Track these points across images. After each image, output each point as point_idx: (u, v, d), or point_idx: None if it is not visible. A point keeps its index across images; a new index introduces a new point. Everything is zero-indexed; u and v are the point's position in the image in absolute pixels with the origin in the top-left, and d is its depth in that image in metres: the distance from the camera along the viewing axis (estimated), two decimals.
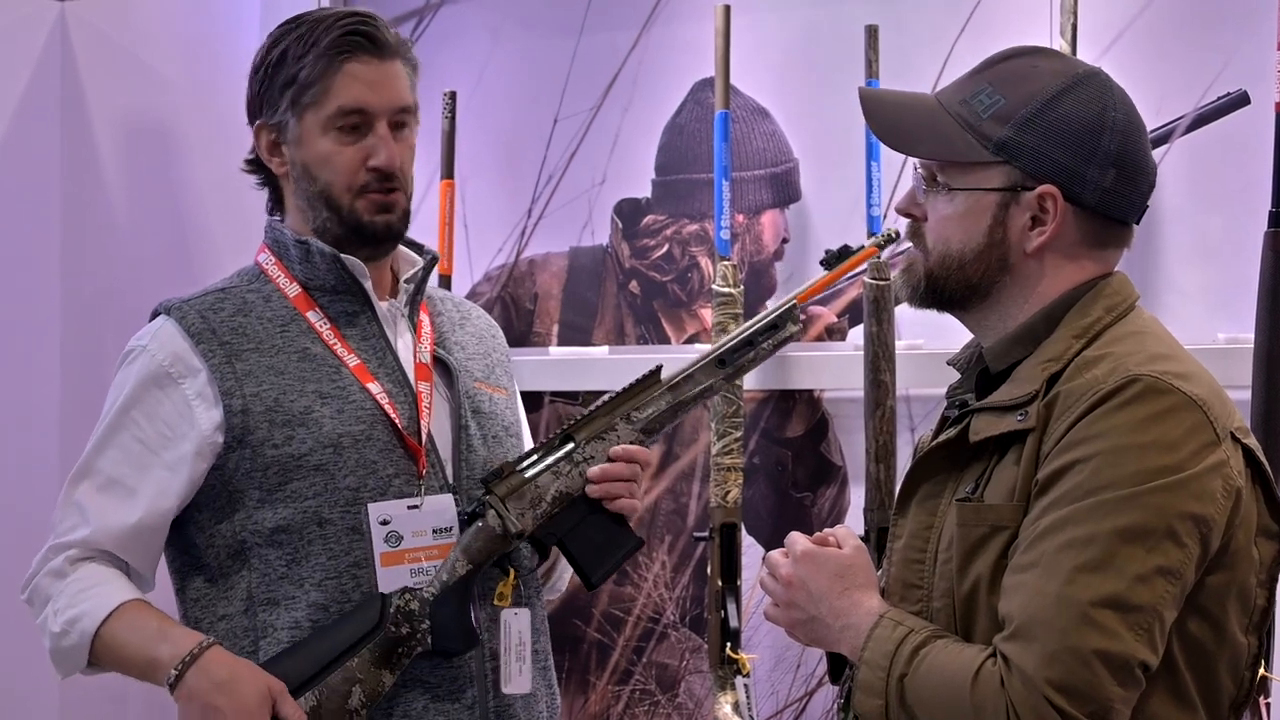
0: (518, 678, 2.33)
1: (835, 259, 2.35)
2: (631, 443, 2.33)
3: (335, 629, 2.25)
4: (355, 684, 2.22)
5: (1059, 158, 1.86)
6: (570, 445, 2.32)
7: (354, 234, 2.34)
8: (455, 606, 2.26)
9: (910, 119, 1.96)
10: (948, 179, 1.92)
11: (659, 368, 2.37)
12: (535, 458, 2.32)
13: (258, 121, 2.37)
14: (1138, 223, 1.93)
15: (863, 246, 2.35)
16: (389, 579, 2.27)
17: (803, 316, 3.24)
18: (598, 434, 2.33)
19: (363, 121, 2.32)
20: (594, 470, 2.31)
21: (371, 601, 2.26)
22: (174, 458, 2.28)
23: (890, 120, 1.98)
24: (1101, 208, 1.87)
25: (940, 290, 1.94)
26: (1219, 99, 2.94)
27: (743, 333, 2.36)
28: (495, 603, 2.32)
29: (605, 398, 2.35)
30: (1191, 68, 2.97)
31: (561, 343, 3.51)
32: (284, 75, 2.32)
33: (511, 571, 2.31)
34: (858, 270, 3.16)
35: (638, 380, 2.35)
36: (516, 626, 2.33)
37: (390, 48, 2.35)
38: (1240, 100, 2.92)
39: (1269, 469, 1.85)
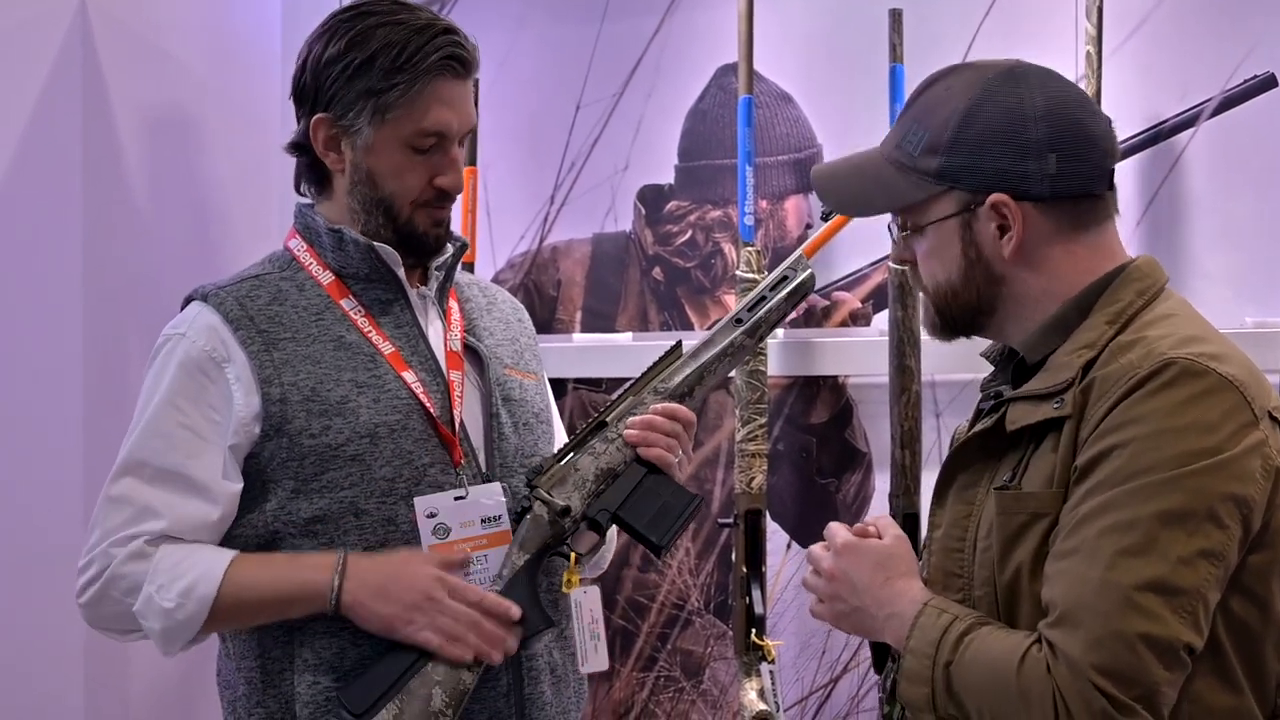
0: (594, 656, 2.33)
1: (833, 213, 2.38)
2: None
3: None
4: (434, 686, 2.20)
5: (994, 164, 1.89)
6: (604, 429, 2.33)
7: (406, 242, 2.35)
8: (523, 592, 2.25)
9: (857, 183, 2.02)
10: (913, 221, 1.97)
11: (679, 343, 2.38)
12: (572, 446, 2.33)
13: (320, 115, 2.32)
14: (1111, 189, 1.94)
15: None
16: None
17: (825, 303, 3.26)
18: (628, 411, 2.33)
19: (438, 143, 2.32)
20: (634, 419, 2.31)
21: None
22: (224, 442, 2.26)
23: (841, 192, 2.05)
24: (1057, 192, 1.89)
25: (950, 320, 1.99)
26: (1245, 82, 2.92)
27: (754, 291, 2.39)
28: (564, 590, 2.31)
29: (630, 383, 2.36)
30: (1218, 50, 2.95)
31: (585, 329, 3.51)
32: (368, 83, 2.28)
33: (573, 555, 2.30)
34: (881, 256, 3.16)
35: (661, 357, 2.37)
36: (588, 605, 2.32)
37: (475, 67, 2.35)
38: (1267, 83, 2.90)
39: None
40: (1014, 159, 1.88)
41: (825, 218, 2.42)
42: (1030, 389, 1.89)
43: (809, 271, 2.38)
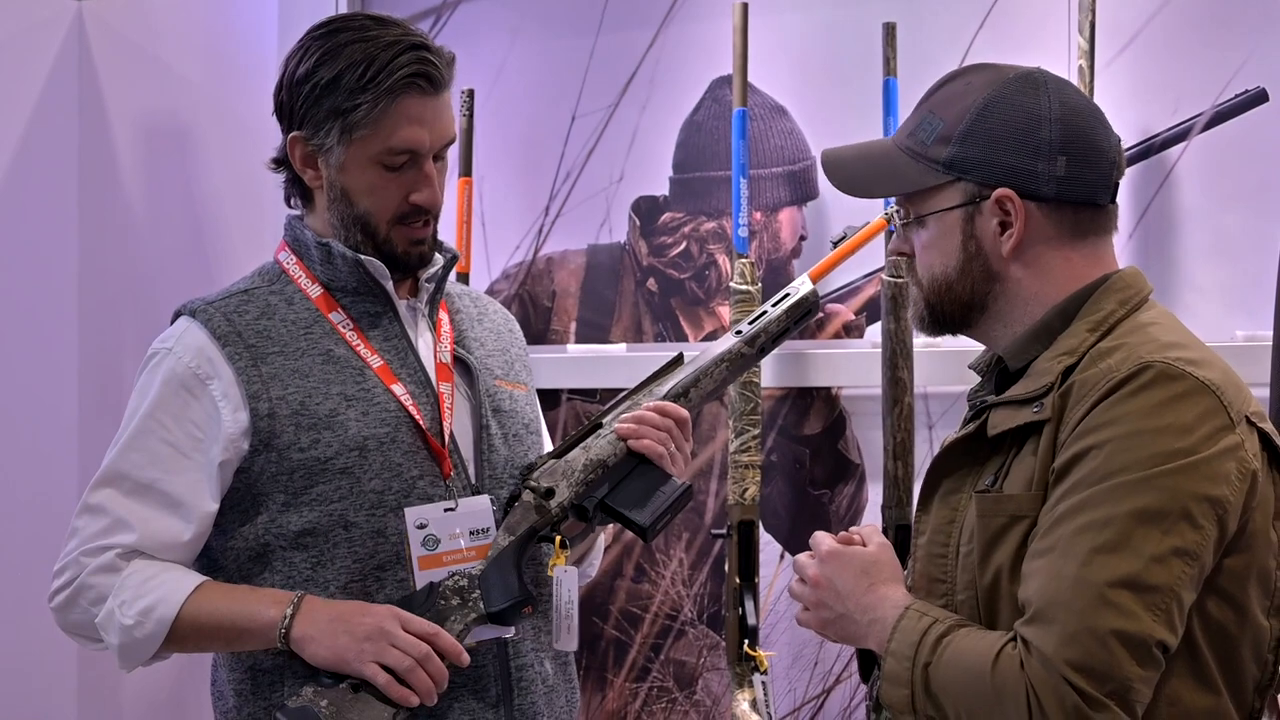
0: (565, 635, 2.33)
1: (844, 239, 2.39)
2: None
3: None
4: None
5: (1005, 160, 1.91)
6: (598, 429, 2.34)
7: (387, 260, 2.35)
8: (503, 571, 2.26)
9: (865, 167, 2.04)
10: (916, 209, 1.99)
11: (680, 355, 2.40)
12: (566, 445, 2.34)
13: (294, 133, 2.33)
14: (1112, 202, 1.96)
15: (867, 223, 2.38)
16: (426, 582, 2.27)
17: (818, 314, 3.27)
18: (622, 412, 2.35)
19: (410, 160, 2.31)
20: (628, 414, 2.33)
21: (424, 589, 2.26)
22: (206, 459, 2.27)
23: (847, 174, 2.06)
24: (1062, 196, 1.91)
25: (940, 315, 2.00)
26: (1237, 96, 2.94)
27: (764, 307, 2.41)
28: (549, 572, 2.32)
29: (627, 390, 2.39)
30: (1209, 65, 2.96)
31: (579, 340, 3.52)
32: (334, 103, 2.28)
33: (557, 538, 2.31)
34: (875, 269, 3.17)
35: (660, 368, 2.39)
36: (566, 584, 2.32)
37: (445, 82, 2.33)
38: (1258, 98, 2.92)
39: None
40: (1025, 156, 1.90)
41: (835, 245, 2.43)
42: (1011, 395, 1.91)
43: (810, 288, 2.40)
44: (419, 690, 2.18)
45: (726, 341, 2.39)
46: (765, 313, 2.39)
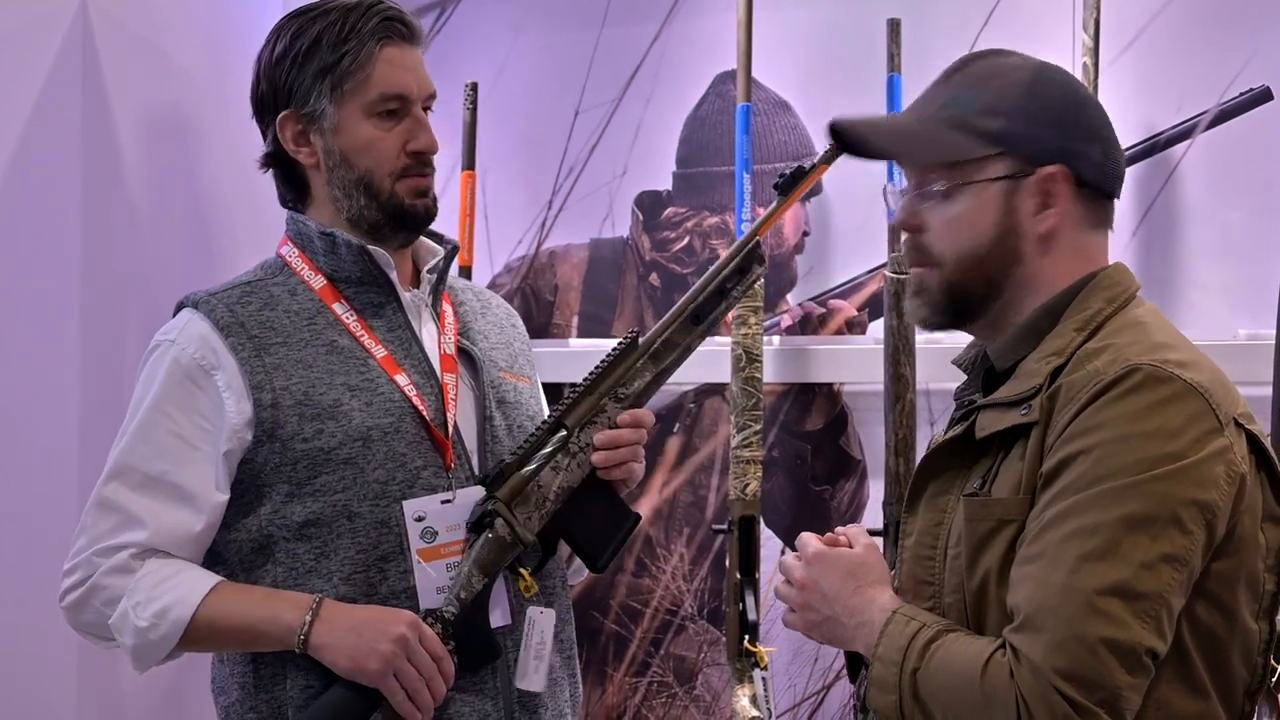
0: (532, 675, 2.33)
1: (790, 183, 2.31)
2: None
3: None
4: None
5: (1054, 139, 1.87)
6: (563, 433, 2.31)
7: (393, 219, 2.35)
8: (477, 623, 2.27)
9: (897, 131, 1.99)
10: (947, 180, 1.91)
11: (635, 335, 2.34)
12: (531, 449, 2.30)
13: (283, 113, 2.35)
14: (1118, 197, 1.95)
15: (814, 165, 2.28)
16: (426, 575, 2.28)
17: (821, 310, 3.27)
18: (589, 418, 2.31)
19: (401, 107, 2.34)
20: (602, 436, 2.30)
21: None
22: (214, 450, 2.27)
23: (879, 137, 1.99)
24: (1098, 182, 1.89)
25: (963, 295, 1.93)
26: (1241, 95, 2.93)
27: (711, 283, 2.34)
28: (523, 592, 2.31)
29: (589, 374, 2.33)
30: (1214, 63, 2.96)
31: (581, 334, 3.52)
32: (319, 63, 2.31)
33: (525, 571, 2.31)
34: (877, 265, 3.17)
35: (618, 353, 2.33)
36: (540, 625, 2.33)
37: (419, 34, 2.38)
38: (1263, 96, 2.91)
39: (1274, 454, 1.85)
40: (1072, 137, 1.87)
41: (780, 190, 2.33)
42: (999, 396, 1.88)
43: (764, 267, 2.39)
44: (420, 708, 2.21)
45: (686, 333, 2.33)
46: (723, 292, 2.34)
